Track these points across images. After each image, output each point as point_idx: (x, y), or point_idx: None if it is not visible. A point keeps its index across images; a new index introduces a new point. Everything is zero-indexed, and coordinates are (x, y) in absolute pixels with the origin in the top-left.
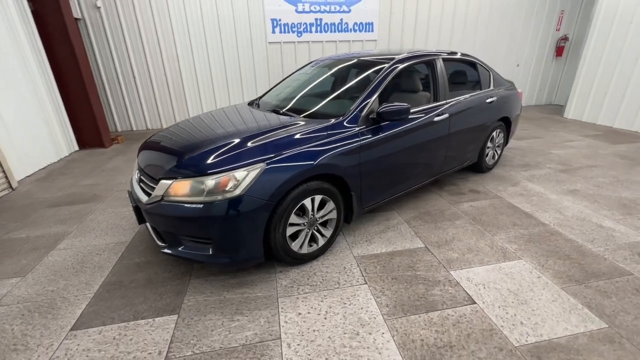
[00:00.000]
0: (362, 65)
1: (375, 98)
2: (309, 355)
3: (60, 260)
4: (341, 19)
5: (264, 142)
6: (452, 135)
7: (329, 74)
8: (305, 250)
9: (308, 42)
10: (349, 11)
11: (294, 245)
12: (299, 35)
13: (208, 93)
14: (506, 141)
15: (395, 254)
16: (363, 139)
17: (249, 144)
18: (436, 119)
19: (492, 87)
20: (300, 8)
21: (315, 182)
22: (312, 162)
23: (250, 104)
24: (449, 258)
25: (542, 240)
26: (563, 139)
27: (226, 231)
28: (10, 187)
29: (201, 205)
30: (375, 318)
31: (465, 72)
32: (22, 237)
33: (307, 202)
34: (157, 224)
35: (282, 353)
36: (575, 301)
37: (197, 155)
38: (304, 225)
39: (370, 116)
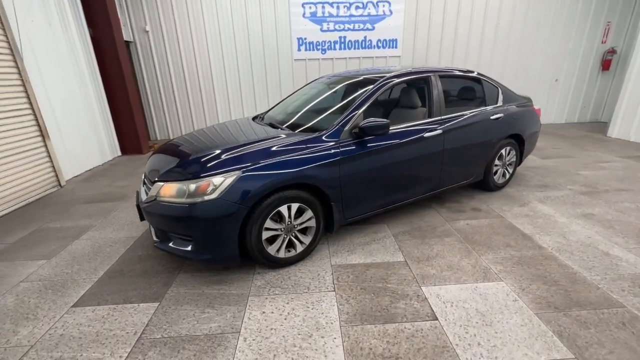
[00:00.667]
0: (358, 82)
1: (360, 114)
2: (260, 350)
3: (80, 248)
4: (365, 37)
5: (244, 152)
6: (448, 151)
7: (328, 90)
8: (282, 254)
9: (332, 59)
10: (373, 29)
11: (271, 249)
12: (323, 52)
13: (237, 106)
14: (520, 160)
15: (372, 266)
16: (343, 153)
17: (231, 154)
18: (427, 134)
19: (499, 104)
20: (324, 27)
21: (292, 191)
22: (287, 172)
23: (255, 117)
24: (425, 274)
25: (532, 264)
26: (597, 159)
27: (203, 230)
28: (59, 185)
29: (185, 206)
30: (332, 323)
31: (467, 89)
32: (57, 227)
33: (283, 209)
34: (152, 221)
35: (236, 345)
36: (547, 328)
37: (185, 162)
38: (281, 230)
39: (353, 131)
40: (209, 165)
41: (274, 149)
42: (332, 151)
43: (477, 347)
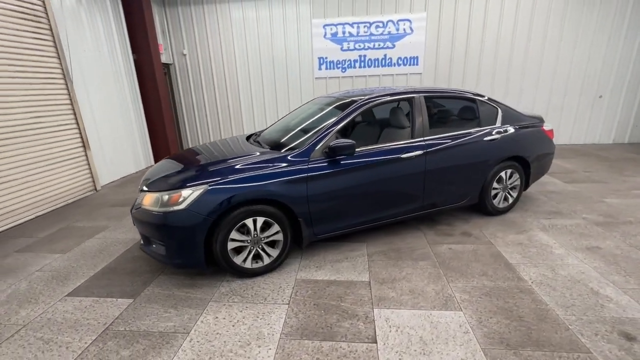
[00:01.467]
0: (343, 104)
1: (332, 134)
2: (200, 352)
3: (90, 246)
4: (385, 55)
5: (215, 168)
6: (432, 172)
7: (318, 111)
8: (248, 265)
9: (352, 77)
10: (393, 47)
11: (237, 259)
12: (343, 70)
13: (261, 120)
14: (526, 184)
15: (334, 283)
16: (311, 170)
17: (203, 169)
18: (405, 155)
19: (497, 124)
20: (345, 47)
21: (257, 206)
22: (250, 188)
23: (250, 135)
24: (384, 296)
25: (502, 296)
26: (633, 186)
27: (173, 237)
28: (95, 189)
29: (159, 214)
30: (273, 335)
31: (460, 109)
32: (80, 226)
33: (249, 222)
34: (137, 226)
35: (181, 345)
36: None
37: (166, 175)
38: (248, 242)
39: (324, 150)
40: (181, 178)
41: (239, 166)
42: (299, 169)
43: None
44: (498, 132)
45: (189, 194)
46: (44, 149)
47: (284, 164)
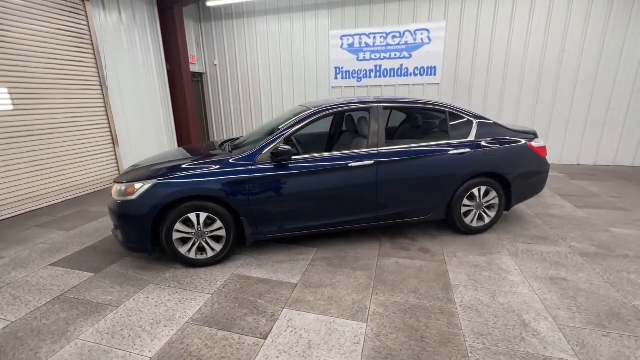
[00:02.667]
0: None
1: (279, 141)
2: (116, 323)
3: (90, 227)
4: (401, 65)
5: (167, 166)
6: (385, 183)
7: (287, 118)
8: (193, 256)
9: (367, 86)
10: (410, 57)
11: (182, 249)
12: (359, 80)
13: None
14: (507, 204)
15: (264, 282)
16: (255, 173)
17: (157, 167)
18: (352, 164)
19: (471, 138)
20: (361, 57)
21: (200, 202)
22: (191, 185)
23: (228, 141)
24: (301, 299)
25: (418, 315)
26: None
27: (126, 223)
28: None
29: (118, 202)
30: (182, 319)
31: (426, 121)
32: (92, 210)
33: (192, 216)
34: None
35: (107, 315)
36: None
37: (131, 170)
38: (192, 235)
39: (269, 155)
40: (138, 173)
41: (186, 165)
42: (241, 170)
43: None
44: (467, 146)
45: (139, 187)
46: (78, 144)
47: (227, 166)
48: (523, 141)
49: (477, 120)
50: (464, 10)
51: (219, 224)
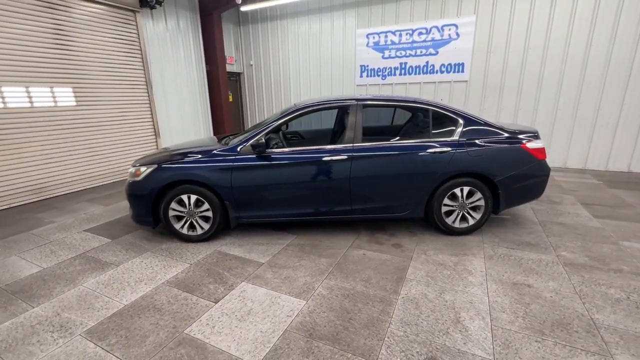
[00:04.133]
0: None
1: (260, 135)
2: (112, 277)
3: (122, 205)
4: (427, 62)
5: (170, 154)
6: (358, 179)
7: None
8: (185, 231)
9: (392, 84)
10: (437, 53)
11: (177, 225)
12: (383, 78)
13: (306, 120)
14: (494, 207)
15: (237, 259)
16: (236, 164)
17: (163, 155)
18: (326, 158)
19: (455, 137)
20: (386, 55)
21: (190, 185)
22: (183, 170)
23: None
24: (261, 275)
25: (358, 300)
26: None
27: (133, 200)
28: None
29: (129, 182)
30: (160, 280)
31: (410, 119)
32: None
33: (184, 197)
34: None
35: (108, 271)
36: (273, 340)
37: (153, 153)
38: (185, 213)
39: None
40: (146, 159)
41: (185, 152)
42: (225, 159)
43: (209, 328)
44: (448, 145)
45: (144, 170)
46: (125, 135)
47: (213, 156)
48: (515, 142)
49: (464, 120)
50: (496, 3)
51: (206, 206)
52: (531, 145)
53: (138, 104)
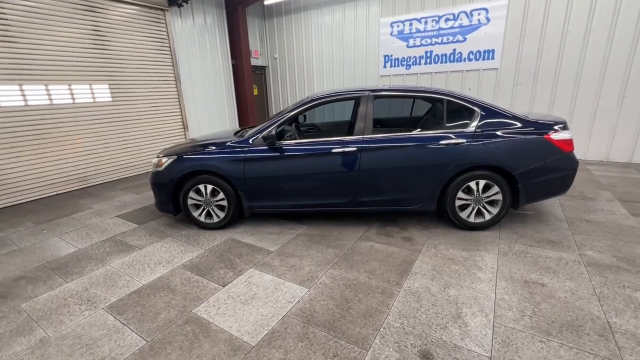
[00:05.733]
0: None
1: (274, 127)
2: (134, 259)
3: (145, 195)
4: (454, 49)
5: (190, 145)
6: (367, 171)
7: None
8: (202, 219)
9: (416, 74)
10: (464, 40)
11: (195, 213)
12: (408, 68)
13: (330, 112)
14: (513, 201)
15: (249, 247)
16: (248, 155)
17: (182, 146)
18: (335, 150)
19: (472, 128)
20: (411, 43)
21: (207, 176)
22: (198, 161)
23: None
24: (268, 263)
25: (359, 291)
26: None
27: (155, 189)
28: None
29: (152, 172)
30: (177, 263)
31: (426, 111)
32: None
33: (201, 187)
34: None
35: (132, 254)
36: (271, 323)
37: (169, 147)
38: (202, 202)
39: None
40: (168, 150)
41: (202, 144)
42: (238, 151)
43: (215, 309)
44: (463, 136)
45: (166, 160)
46: (157, 129)
47: (227, 148)
48: (537, 133)
49: (482, 110)
50: None
51: (222, 195)
52: (556, 136)
53: (168, 99)
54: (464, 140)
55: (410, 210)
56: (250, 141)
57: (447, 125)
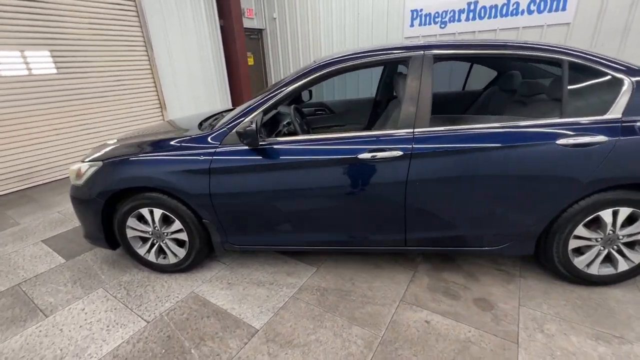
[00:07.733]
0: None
1: (256, 115)
2: (15, 350)
3: None
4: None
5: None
6: (422, 189)
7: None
8: (152, 259)
9: (454, 33)
10: None
11: (142, 250)
12: (443, 26)
13: (341, 87)
14: None
15: (219, 315)
16: (216, 160)
17: (123, 144)
18: (362, 155)
19: (616, 115)
20: None
21: (154, 194)
22: (137, 172)
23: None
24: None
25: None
26: None
27: (79, 211)
28: None
29: (72, 185)
30: (77, 356)
31: (520, 82)
32: None
33: (144, 211)
34: None
35: (25, 332)
36: None
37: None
38: (150, 234)
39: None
40: (96, 150)
41: (137, 142)
42: (201, 156)
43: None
44: (601, 130)
45: (86, 169)
46: (124, 108)
47: (181, 149)
48: None
49: (636, 79)
50: None
51: (178, 225)
52: None
53: (136, 70)
54: (604, 138)
55: (489, 253)
56: (213, 140)
57: (568, 109)
